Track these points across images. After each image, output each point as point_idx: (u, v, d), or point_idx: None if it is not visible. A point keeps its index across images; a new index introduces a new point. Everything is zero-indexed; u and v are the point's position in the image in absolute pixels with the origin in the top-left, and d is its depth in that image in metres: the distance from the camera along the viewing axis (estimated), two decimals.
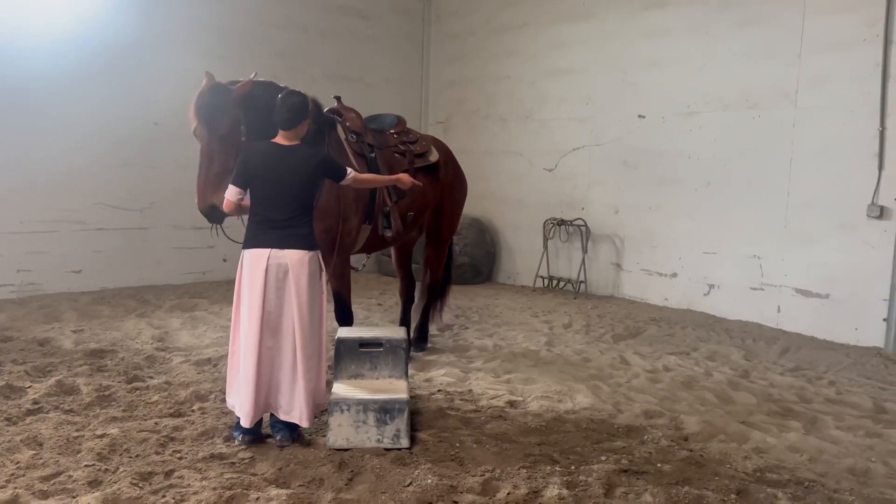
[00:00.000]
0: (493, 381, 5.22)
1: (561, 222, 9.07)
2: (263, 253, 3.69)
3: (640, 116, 8.49)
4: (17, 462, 3.42)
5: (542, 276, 9.33)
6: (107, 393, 4.52)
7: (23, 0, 7.26)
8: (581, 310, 8.01)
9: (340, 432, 3.79)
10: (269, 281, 3.67)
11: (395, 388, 4.02)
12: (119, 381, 4.78)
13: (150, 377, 4.95)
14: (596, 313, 7.84)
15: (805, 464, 3.93)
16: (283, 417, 3.80)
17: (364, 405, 3.81)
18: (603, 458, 3.85)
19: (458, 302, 7.91)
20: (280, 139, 3.83)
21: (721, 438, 4.26)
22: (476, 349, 6.13)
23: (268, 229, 3.73)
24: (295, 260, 3.69)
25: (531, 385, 5.15)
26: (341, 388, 3.97)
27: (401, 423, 3.83)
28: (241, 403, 3.75)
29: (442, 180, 5.72)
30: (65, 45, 7.53)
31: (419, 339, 5.98)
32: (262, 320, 3.67)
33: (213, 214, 4.07)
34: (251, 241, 3.76)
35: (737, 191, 7.64)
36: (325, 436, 3.90)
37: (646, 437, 4.21)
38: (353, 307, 7.49)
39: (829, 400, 5.10)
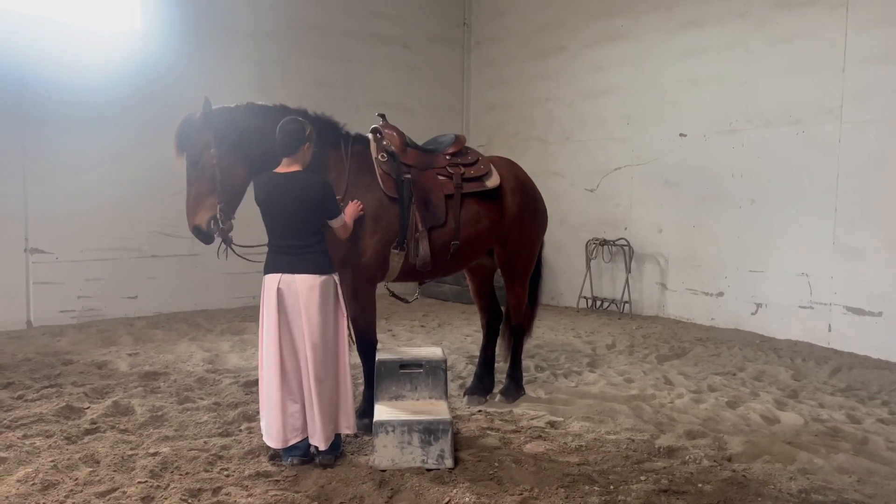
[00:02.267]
0: (534, 402, 5.23)
1: (604, 242, 9.05)
2: (275, 278, 3.82)
3: (681, 135, 8.46)
4: (76, 479, 3.60)
5: (585, 297, 9.30)
6: (159, 413, 4.70)
7: (78, 37, 7.68)
8: (625, 330, 7.96)
9: (385, 453, 3.87)
10: (282, 305, 3.80)
11: (436, 409, 4.08)
12: (171, 402, 4.96)
13: (201, 398, 5.12)
14: (640, 334, 7.78)
15: (853, 485, 3.85)
16: (309, 439, 3.89)
17: (408, 426, 3.88)
18: (642, 478, 3.84)
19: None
20: (282, 167, 3.93)
21: (766, 459, 4.19)
22: None
23: (280, 255, 3.87)
24: (305, 285, 3.79)
25: (572, 406, 5.15)
26: (383, 410, 4.06)
27: (445, 443, 3.89)
28: (267, 427, 3.86)
29: (507, 208, 4.97)
30: (118, 80, 7.90)
31: (508, 387, 5.27)
32: (279, 344, 3.79)
33: (200, 235, 4.19)
34: (267, 267, 3.90)
35: (782, 208, 7.54)
36: (367, 455, 3.99)
37: (687, 457, 4.18)
38: (398, 328, 7.67)
39: (881, 420, 4.97)
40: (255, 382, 5.50)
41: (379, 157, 4.51)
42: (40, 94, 7.46)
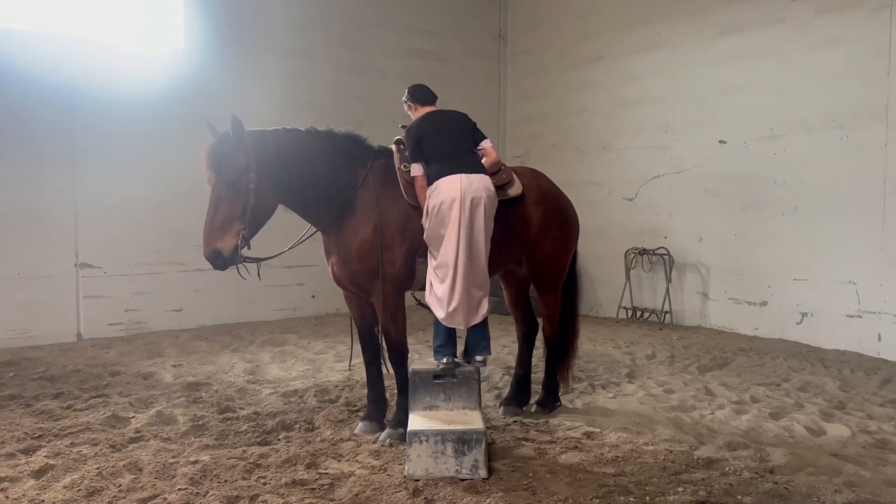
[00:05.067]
0: (570, 413, 5.19)
1: (643, 251, 8.95)
2: (457, 178, 4.31)
3: (720, 142, 8.34)
4: (119, 485, 3.70)
5: (625, 307, 9.20)
6: (200, 423, 4.81)
7: (124, 59, 7.95)
8: (666, 341, 7.84)
9: (419, 463, 3.89)
10: (464, 200, 4.28)
11: (470, 420, 4.09)
12: (212, 412, 5.07)
13: (241, 408, 5.22)
14: (681, 344, 7.66)
15: None
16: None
17: (442, 436, 3.89)
18: (680, 489, 3.78)
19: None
20: (432, 109, 4.70)
21: (809, 471, 4.08)
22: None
23: (455, 161, 4.40)
24: (482, 183, 4.37)
25: (609, 417, 5.10)
26: (417, 420, 4.08)
27: (479, 453, 3.89)
28: (451, 312, 4.31)
29: (531, 217, 4.86)
30: (163, 99, 8.15)
31: (545, 398, 5.21)
32: (464, 235, 4.27)
33: (218, 261, 4.10)
34: (444, 172, 4.36)
35: (827, 214, 7.36)
36: (401, 464, 4.01)
37: (727, 468, 4.10)
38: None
39: None
40: (294, 392, 5.62)
41: (401, 167, 4.54)
42: (89, 115, 7.74)
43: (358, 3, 9.76)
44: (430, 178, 4.40)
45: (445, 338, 4.50)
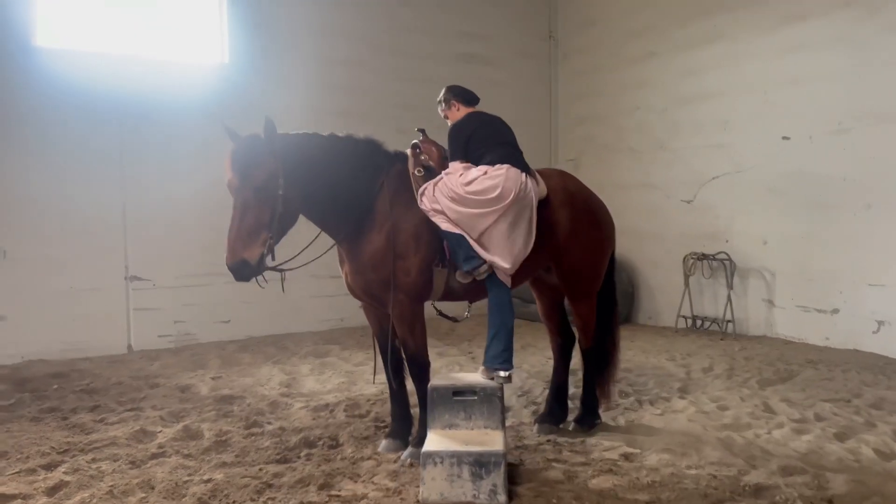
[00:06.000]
0: (611, 432, 4.86)
1: (702, 257, 8.45)
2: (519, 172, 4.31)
3: (784, 138, 7.79)
4: None
5: (683, 316, 8.70)
6: (224, 438, 4.72)
7: (171, 74, 8.06)
8: (726, 352, 7.35)
9: (434, 486, 3.66)
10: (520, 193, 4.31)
11: (490, 440, 3.83)
12: (239, 427, 4.98)
13: (269, 423, 5.11)
14: (743, 356, 7.15)
15: None
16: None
17: (458, 458, 3.65)
18: None
19: None
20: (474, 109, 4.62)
21: (875, 501, 3.65)
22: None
23: (513, 155, 4.37)
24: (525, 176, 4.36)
25: (653, 436, 4.73)
26: (434, 440, 3.85)
27: (497, 477, 3.63)
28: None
29: (557, 222, 4.60)
30: (208, 113, 8.21)
31: (582, 416, 4.91)
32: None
33: (244, 271, 3.89)
34: (506, 161, 4.32)
35: None
36: (417, 487, 3.79)
37: (778, 497, 3.69)
38: (478, 350, 7.41)
39: None
40: (325, 406, 5.48)
41: (415, 171, 4.34)
42: (137, 130, 7.87)
43: (402, 9, 9.65)
44: (492, 162, 4.29)
45: (505, 343, 4.25)
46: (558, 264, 4.72)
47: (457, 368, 6.71)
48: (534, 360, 7.03)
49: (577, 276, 4.77)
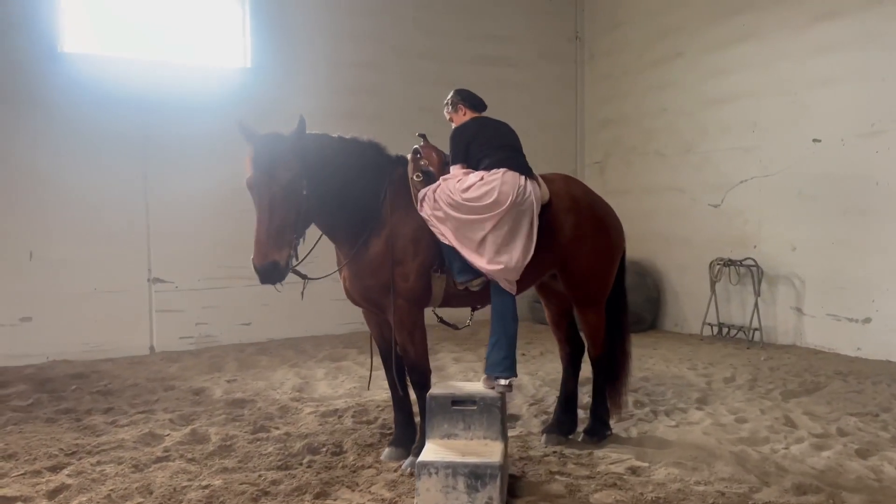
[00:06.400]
0: (621, 444, 4.72)
1: (729, 262, 8.22)
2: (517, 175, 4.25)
3: (814, 140, 7.53)
4: None
5: (709, 324, 8.48)
6: (229, 443, 4.71)
7: (194, 79, 8.15)
8: (751, 361, 7.12)
9: (428, 497, 3.59)
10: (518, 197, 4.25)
11: (489, 451, 3.74)
12: (245, 431, 4.97)
13: (276, 427, 5.10)
14: (768, 366, 6.92)
15: None
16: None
17: (453, 469, 3.58)
18: None
19: None
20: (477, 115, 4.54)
21: None
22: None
23: (514, 159, 4.31)
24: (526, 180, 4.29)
25: (664, 449, 4.59)
26: (431, 449, 3.78)
27: (493, 490, 3.55)
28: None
29: (560, 228, 4.49)
30: (231, 117, 8.25)
31: (592, 427, 4.80)
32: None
33: (273, 273, 3.80)
34: (504, 165, 4.26)
35: None
36: (412, 498, 3.73)
37: None
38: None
39: None
40: (335, 412, 5.45)
41: (414, 176, 4.28)
42: (160, 134, 7.97)
43: (425, 12, 9.61)
44: (489, 167, 4.23)
45: (507, 350, 4.14)
46: (563, 270, 4.61)
47: (471, 375, 6.63)
48: (550, 367, 6.90)
49: (582, 282, 4.65)
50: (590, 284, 4.67)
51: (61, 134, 7.56)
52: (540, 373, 6.69)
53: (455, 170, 4.27)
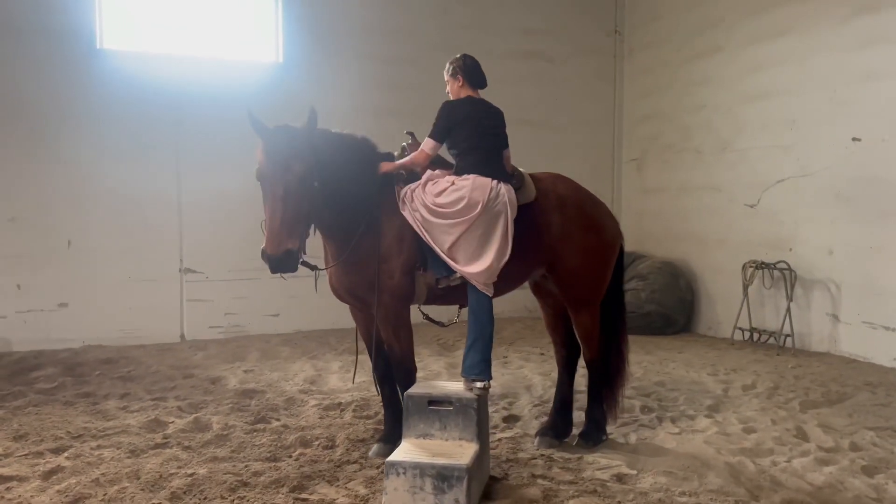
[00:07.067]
0: (615, 449, 4.63)
1: (762, 265, 7.92)
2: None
3: (854, 139, 7.17)
4: (104, 495, 3.76)
5: (741, 328, 8.19)
6: (227, 433, 4.84)
7: (226, 74, 8.34)
8: (777, 368, 6.86)
9: (396, 497, 3.61)
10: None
11: (460, 453, 3.72)
12: (246, 422, 5.09)
13: (277, 419, 5.20)
14: (793, 373, 6.65)
15: None
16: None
17: (421, 469, 3.58)
18: None
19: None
20: (474, 93, 4.41)
21: None
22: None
23: (491, 160, 4.28)
24: (506, 187, 4.28)
25: (658, 457, 4.48)
26: (403, 449, 3.79)
27: (460, 492, 3.53)
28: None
29: (547, 226, 4.42)
30: (262, 111, 8.42)
31: (587, 431, 4.71)
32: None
33: (288, 261, 3.84)
34: (480, 170, 4.23)
35: None
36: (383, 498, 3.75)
37: None
38: (513, 355, 7.25)
39: None
40: (338, 405, 5.53)
41: (399, 172, 4.30)
42: (193, 128, 8.21)
43: (458, 5, 9.56)
44: (460, 171, 4.23)
45: (483, 353, 4.13)
46: (552, 270, 4.54)
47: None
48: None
49: (572, 282, 4.56)
50: (580, 284, 4.57)
51: (99, 128, 7.88)
52: (553, 374, 6.56)
53: (428, 142, 4.24)
